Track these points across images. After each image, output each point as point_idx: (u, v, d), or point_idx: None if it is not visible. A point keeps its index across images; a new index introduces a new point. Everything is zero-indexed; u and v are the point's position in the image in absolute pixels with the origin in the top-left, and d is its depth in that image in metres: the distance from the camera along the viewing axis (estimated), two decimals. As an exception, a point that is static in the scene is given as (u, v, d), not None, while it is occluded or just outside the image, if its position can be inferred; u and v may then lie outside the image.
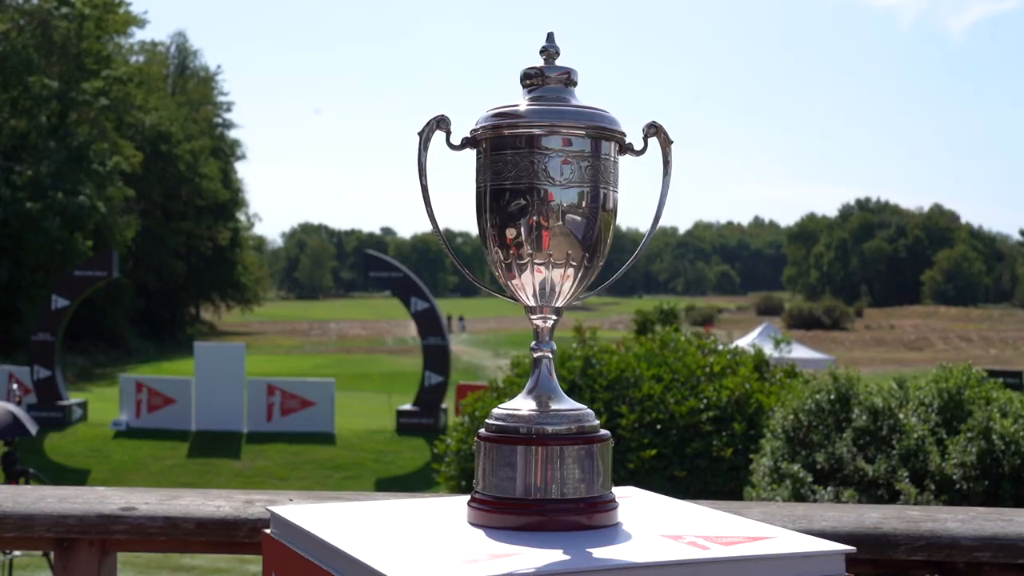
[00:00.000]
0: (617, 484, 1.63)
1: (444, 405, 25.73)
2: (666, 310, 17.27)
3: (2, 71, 43.88)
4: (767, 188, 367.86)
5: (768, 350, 12.72)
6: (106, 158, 45.80)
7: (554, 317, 1.57)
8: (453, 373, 28.19)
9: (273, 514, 1.54)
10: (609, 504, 1.50)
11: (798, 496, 8.22)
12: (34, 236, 41.87)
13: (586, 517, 1.46)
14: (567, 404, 1.53)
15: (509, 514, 1.45)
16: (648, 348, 11.77)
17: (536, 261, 1.50)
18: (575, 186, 1.48)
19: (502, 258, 1.52)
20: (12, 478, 9.81)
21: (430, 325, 26.08)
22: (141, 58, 64.66)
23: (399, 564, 1.25)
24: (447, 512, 1.57)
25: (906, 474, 7.84)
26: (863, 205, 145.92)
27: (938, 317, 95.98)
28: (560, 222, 1.49)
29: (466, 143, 1.55)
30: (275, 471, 22.33)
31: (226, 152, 70.08)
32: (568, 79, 1.55)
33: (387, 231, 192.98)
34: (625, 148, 1.56)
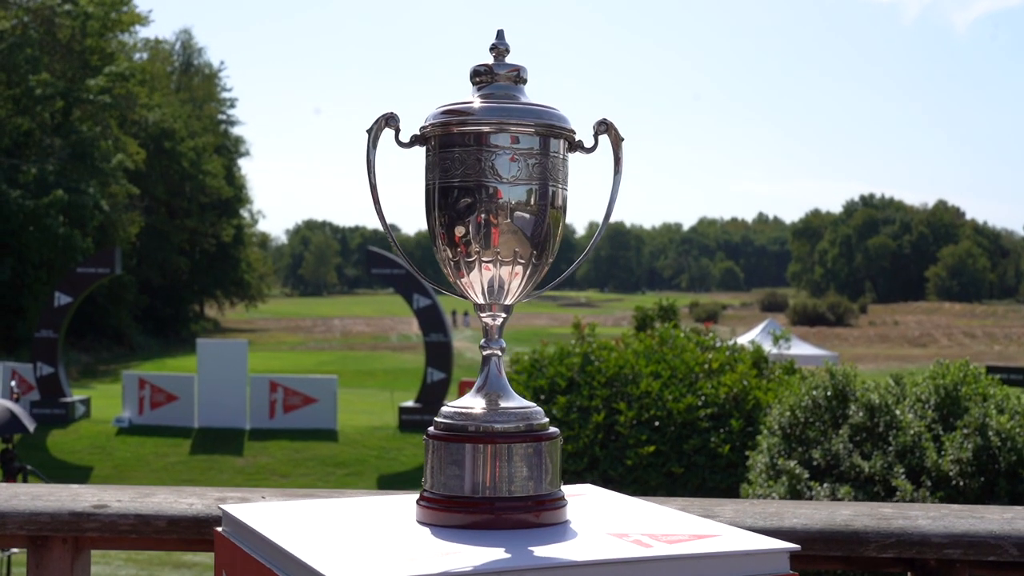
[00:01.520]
0: (615, 481, 1.63)
1: (447, 402, 25.75)
2: (665, 306, 17.20)
3: (6, 68, 43.92)
4: (771, 184, 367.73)
5: (767, 347, 12.68)
6: (110, 155, 45.84)
7: (503, 315, 1.56)
8: (456, 369, 28.18)
9: (224, 512, 1.54)
10: (557, 502, 1.49)
11: (794, 492, 8.21)
12: (37, 233, 41.90)
13: (534, 515, 1.46)
14: (516, 402, 1.53)
15: (456, 512, 1.45)
16: (647, 345, 11.76)
17: (484, 259, 1.50)
18: (523, 183, 1.48)
19: (451, 256, 1.51)
20: (10, 475, 9.80)
21: (432, 322, 26.07)
22: (145, 55, 64.67)
23: (339, 563, 1.24)
24: (399, 510, 1.56)
25: (902, 471, 7.82)
26: (867, 201, 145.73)
27: (942, 313, 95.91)
28: (508, 220, 1.48)
29: (415, 140, 1.54)
30: (277, 468, 22.34)
31: (230, 149, 70.14)
32: (518, 76, 1.54)
33: (391, 228, 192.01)
34: (575, 146, 1.55)
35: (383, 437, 24.64)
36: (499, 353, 1.55)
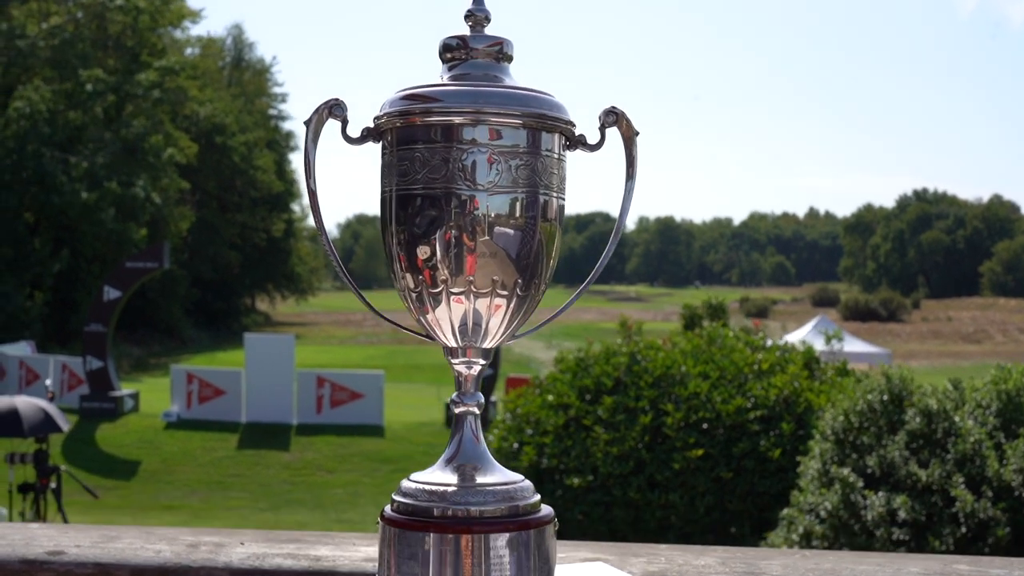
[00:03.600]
0: (662, 485, 1.27)
1: (494, 398, 25.48)
2: (714, 304, 16.78)
3: (58, 63, 44.18)
4: (823, 179, 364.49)
5: (819, 346, 12.29)
6: (161, 150, 46.03)
7: (481, 361, 1.21)
8: (505, 364, 27.95)
9: None
10: None
11: (847, 502, 7.86)
12: (90, 227, 42.24)
13: None
14: (499, 476, 1.18)
15: None
16: (695, 344, 11.43)
17: (454, 290, 1.15)
18: (506, 191, 1.13)
19: (412, 286, 1.17)
20: (43, 475, 9.65)
21: (479, 317, 25.83)
22: (197, 50, 65.01)
23: None
24: None
25: (961, 480, 7.46)
26: (920, 196, 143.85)
27: (997, 309, 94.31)
28: (487, 237, 1.13)
29: (368, 135, 1.20)
30: (323, 463, 22.24)
31: (280, 144, 70.34)
32: (500, 52, 1.18)
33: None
34: (575, 142, 1.20)
35: (429, 433, 24.45)
36: (475, 411, 1.17)
